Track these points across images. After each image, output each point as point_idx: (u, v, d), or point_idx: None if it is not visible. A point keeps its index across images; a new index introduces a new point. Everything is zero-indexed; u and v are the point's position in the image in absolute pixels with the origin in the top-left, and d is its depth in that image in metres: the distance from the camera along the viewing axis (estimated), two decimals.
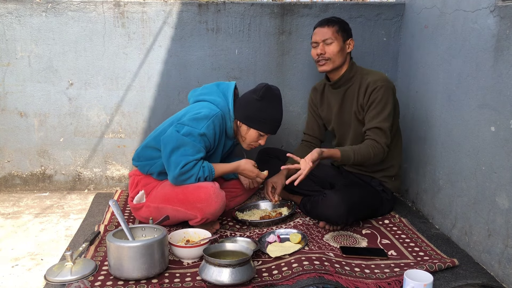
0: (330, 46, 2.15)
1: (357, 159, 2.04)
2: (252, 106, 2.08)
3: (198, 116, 1.99)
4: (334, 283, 1.58)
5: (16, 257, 1.88)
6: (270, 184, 2.30)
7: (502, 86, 1.68)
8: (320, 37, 2.16)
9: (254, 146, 2.18)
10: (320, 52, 2.16)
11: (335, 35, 2.15)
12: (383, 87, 2.10)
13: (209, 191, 1.92)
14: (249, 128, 2.10)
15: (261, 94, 2.07)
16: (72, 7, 2.53)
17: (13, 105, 2.62)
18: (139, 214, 2.12)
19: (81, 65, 2.60)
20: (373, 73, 2.20)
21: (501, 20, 1.69)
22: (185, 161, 1.92)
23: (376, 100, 2.10)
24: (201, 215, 1.94)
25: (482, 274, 1.73)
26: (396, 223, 2.20)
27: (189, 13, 2.58)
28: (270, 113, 2.09)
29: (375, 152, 2.06)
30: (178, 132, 1.96)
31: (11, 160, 2.70)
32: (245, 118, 2.09)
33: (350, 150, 2.04)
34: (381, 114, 2.10)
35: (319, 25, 2.20)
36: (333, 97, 2.30)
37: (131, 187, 2.16)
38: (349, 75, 2.21)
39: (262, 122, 2.09)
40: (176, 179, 1.95)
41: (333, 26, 2.16)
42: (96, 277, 1.66)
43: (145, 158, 2.13)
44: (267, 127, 2.11)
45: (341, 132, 2.32)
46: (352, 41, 2.21)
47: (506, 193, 1.66)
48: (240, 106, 2.11)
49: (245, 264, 1.59)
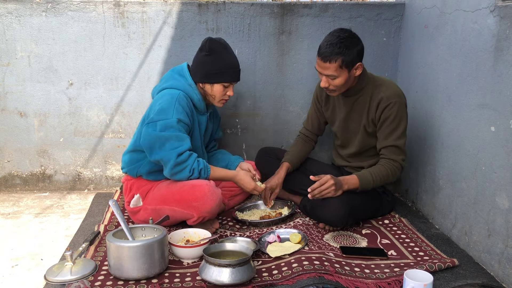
0: (335, 80, 2.01)
1: (377, 183, 2.05)
2: (205, 63, 2.07)
3: (163, 106, 1.97)
4: (334, 283, 1.58)
5: (16, 257, 1.88)
6: (269, 190, 2.29)
7: (502, 86, 1.68)
8: (322, 71, 2.01)
9: (226, 100, 2.16)
10: (325, 85, 2.05)
11: (338, 71, 1.98)
12: (397, 104, 2.05)
13: (204, 189, 1.92)
14: (212, 85, 2.09)
15: (207, 48, 2.06)
16: (72, 7, 2.53)
17: (13, 105, 2.62)
18: (137, 218, 2.12)
19: (81, 65, 2.60)
20: (385, 85, 2.10)
21: (501, 20, 1.69)
22: (176, 153, 1.92)
23: (390, 118, 2.06)
24: (197, 214, 1.94)
25: (482, 274, 1.73)
26: (396, 223, 2.20)
27: (189, 13, 2.58)
28: (224, 62, 2.07)
29: (393, 171, 2.07)
30: (154, 131, 1.94)
31: (11, 160, 2.70)
32: (204, 76, 2.07)
33: (368, 174, 2.04)
34: (395, 131, 2.07)
35: (323, 59, 1.97)
36: (342, 103, 2.24)
37: (126, 192, 2.16)
38: (360, 86, 2.13)
39: (220, 73, 2.07)
40: (171, 171, 1.95)
41: (336, 62, 1.95)
42: (96, 277, 1.66)
43: (131, 163, 2.13)
44: (228, 76, 2.08)
45: (345, 137, 2.30)
46: (359, 65, 2.02)
47: (506, 193, 1.66)
48: (196, 70, 2.10)
49: (245, 264, 1.59)
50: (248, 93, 2.72)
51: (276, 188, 2.29)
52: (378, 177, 2.04)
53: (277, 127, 2.80)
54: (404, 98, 2.11)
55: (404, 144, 2.11)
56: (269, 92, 2.74)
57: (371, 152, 2.24)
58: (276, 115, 2.77)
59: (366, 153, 2.25)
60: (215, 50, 2.06)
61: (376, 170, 2.06)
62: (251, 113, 2.76)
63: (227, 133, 2.77)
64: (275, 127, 2.80)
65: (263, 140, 2.80)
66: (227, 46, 2.11)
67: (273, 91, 2.74)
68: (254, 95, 2.73)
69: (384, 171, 2.06)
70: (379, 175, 2.05)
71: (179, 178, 1.98)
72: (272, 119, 2.78)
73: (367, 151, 2.24)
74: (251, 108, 2.76)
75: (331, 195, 1.97)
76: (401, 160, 2.09)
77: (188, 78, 2.10)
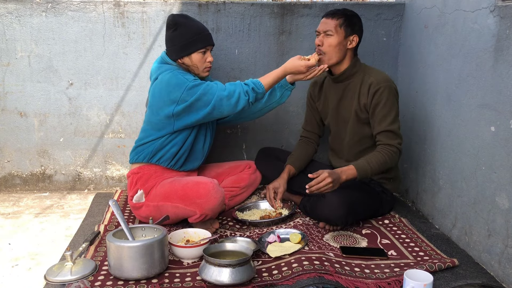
0: (329, 39, 2.11)
1: (374, 169, 2.03)
2: (175, 38, 2.10)
3: (173, 82, 2.00)
4: (334, 283, 1.58)
5: (16, 257, 1.88)
6: (272, 189, 2.29)
7: (502, 86, 1.68)
8: (323, 28, 2.12)
9: (209, 66, 2.17)
10: (319, 43, 2.13)
11: (337, 28, 2.10)
12: (387, 88, 2.09)
13: (208, 186, 1.93)
14: (190, 56, 2.11)
15: (172, 24, 2.10)
16: (72, 7, 2.53)
17: (13, 105, 2.62)
18: (139, 214, 2.12)
19: (81, 65, 2.60)
20: (375, 72, 2.17)
21: (501, 20, 1.69)
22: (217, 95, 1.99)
23: (382, 102, 2.09)
24: (200, 211, 1.94)
25: (482, 274, 1.73)
26: (396, 223, 2.20)
27: (189, 13, 2.57)
28: (192, 31, 2.10)
29: (390, 156, 2.05)
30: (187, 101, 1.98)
31: (11, 160, 2.70)
32: (179, 51, 2.10)
33: (365, 162, 2.02)
34: (388, 116, 2.09)
35: (326, 15, 2.15)
36: (332, 91, 2.28)
37: (131, 186, 2.16)
38: (352, 71, 2.18)
39: (192, 41, 2.09)
40: (234, 105, 2.01)
41: (338, 19, 2.10)
42: (96, 277, 1.66)
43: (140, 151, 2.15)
44: (199, 42, 2.10)
45: (337, 128, 2.31)
46: (356, 37, 2.15)
47: (506, 193, 1.66)
48: (170, 49, 2.13)
49: (245, 264, 1.59)
50: None
51: (280, 187, 2.28)
52: (375, 164, 2.02)
53: (277, 127, 2.80)
54: (394, 84, 2.14)
55: (398, 128, 2.11)
56: None
57: (364, 144, 2.22)
58: (276, 115, 2.77)
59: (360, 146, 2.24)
60: (180, 23, 2.10)
61: (373, 157, 2.05)
62: None
63: (227, 133, 2.77)
64: (275, 127, 2.80)
65: (263, 140, 2.80)
66: (189, 17, 2.16)
67: None
68: None
69: (381, 157, 2.04)
70: (376, 162, 2.03)
71: (242, 106, 2.02)
72: (272, 119, 2.78)
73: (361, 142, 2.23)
74: None
75: (329, 191, 1.97)
76: (397, 144, 2.08)
77: (171, 62, 2.13)
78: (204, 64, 2.14)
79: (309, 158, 2.45)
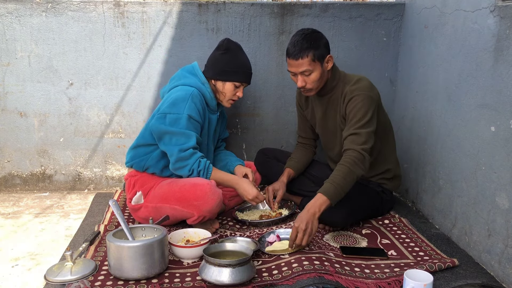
0: (310, 76, 2.00)
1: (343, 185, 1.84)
2: (221, 60, 2.14)
3: (176, 100, 2.03)
4: (334, 283, 1.58)
5: (16, 257, 1.88)
6: (271, 191, 2.28)
7: (502, 86, 1.68)
8: (297, 69, 1.99)
9: (234, 100, 2.21)
10: (302, 84, 2.02)
11: (311, 64, 1.97)
12: (360, 96, 1.98)
13: (205, 188, 1.93)
14: (224, 82, 2.15)
15: (225, 47, 2.15)
16: (72, 7, 2.53)
17: (13, 105, 2.62)
18: (138, 215, 2.12)
19: (81, 65, 2.60)
20: (355, 81, 2.06)
21: (501, 20, 1.69)
22: (179, 149, 1.98)
23: (354, 110, 1.99)
24: (198, 213, 1.94)
25: (482, 274, 1.73)
26: (396, 223, 2.20)
27: (189, 13, 2.58)
28: (239, 62, 2.15)
29: (352, 164, 1.86)
30: (163, 124, 2.00)
31: (11, 160, 2.70)
32: (218, 73, 2.14)
33: (329, 184, 1.84)
34: (358, 122, 1.96)
35: (292, 57, 1.98)
36: (318, 102, 2.23)
37: (129, 189, 2.16)
38: (332, 84, 2.11)
39: (234, 72, 2.13)
40: (173, 165, 2.03)
41: (308, 55, 1.95)
42: (96, 277, 1.66)
43: (137, 156, 2.15)
44: (241, 76, 2.15)
45: (326, 138, 2.29)
46: (330, 57, 2.03)
47: (506, 193, 1.66)
48: (210, 66, 2.18)
49: (245, 264, 1.59)
50: (248, 93, 2.72)
51: (279, 190, 2.27)
52: (341, 179, 1.84)
53: (277, 127, 2.80)
54: (371, 92, 2.02)
55: (369, 133, 1.94)
56: (269, 92, 2.74)
57: None
58: (276, 115, 2.77)
59: None
60: (232, 49, 2.15)
61: (336, 174, 1.87)
62: (251, 113, 2.76)
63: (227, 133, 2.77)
64: (275, 127, 2.80)
65: (263, 140, 2.80)
66: (242, 48, 2.21)
67: (273, 91, 2.74)
68: (254, 95, 2.73)
69: (344, 169, 1.86)
70: (342, 177, 1.84)
71: (180, 174, 2.04)
72: (272, 119, 2.78)
73: None
74: (251, 108, 2.76)
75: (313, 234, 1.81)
76: (361, 149, 1.89)
77: (200, 76, 2.16)
78: (232, 96, 2.18)
79: (308, 161, 2.44)
